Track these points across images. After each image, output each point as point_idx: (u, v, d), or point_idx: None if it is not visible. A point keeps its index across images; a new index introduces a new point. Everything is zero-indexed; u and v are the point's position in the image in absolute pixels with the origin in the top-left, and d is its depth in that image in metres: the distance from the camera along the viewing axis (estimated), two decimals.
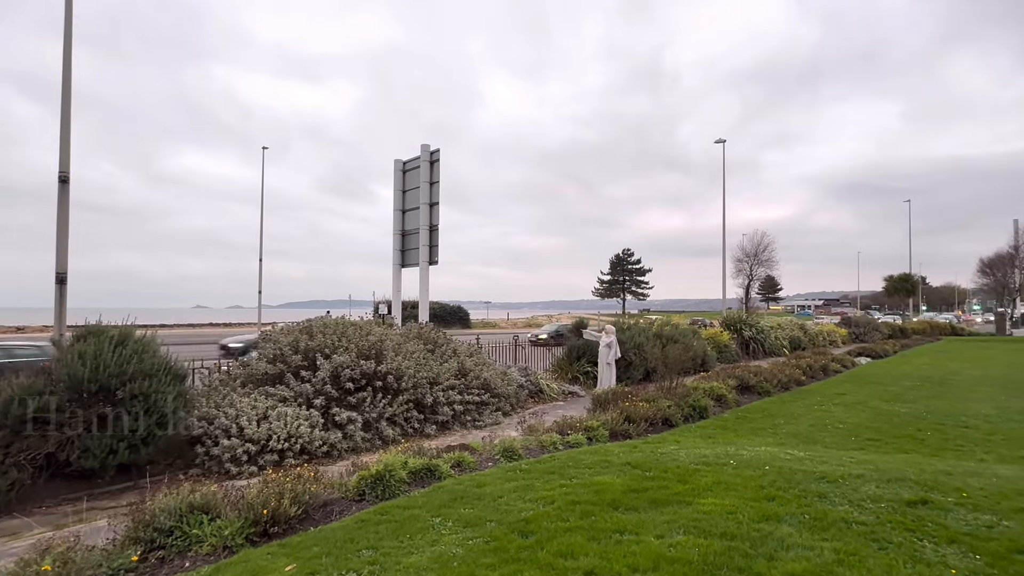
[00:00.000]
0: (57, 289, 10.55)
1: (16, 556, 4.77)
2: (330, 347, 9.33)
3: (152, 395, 6.80)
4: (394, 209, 16.47)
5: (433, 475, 5.74)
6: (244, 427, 7.64)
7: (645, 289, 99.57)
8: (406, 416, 9.47)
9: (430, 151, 15.71)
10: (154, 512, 3.99)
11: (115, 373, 6.52)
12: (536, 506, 4.65)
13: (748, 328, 24.73)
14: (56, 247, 10.49)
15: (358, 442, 8.53)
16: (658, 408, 9.27)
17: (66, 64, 10.55)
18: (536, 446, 7.16)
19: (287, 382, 8.82)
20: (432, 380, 10.18)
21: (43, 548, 3.91)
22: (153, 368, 6.94)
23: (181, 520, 4.05)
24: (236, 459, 7.34)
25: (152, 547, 3.91)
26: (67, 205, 10.53)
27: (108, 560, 3.64)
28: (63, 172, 10.49)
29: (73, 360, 6.36)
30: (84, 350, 6.45)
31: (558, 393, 13.86)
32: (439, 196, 15.56)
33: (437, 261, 15.51)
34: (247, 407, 7.97)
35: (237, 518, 4.17)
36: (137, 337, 7.19)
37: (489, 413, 10.82)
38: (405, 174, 16.51)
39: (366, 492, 5.12)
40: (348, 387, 8.92)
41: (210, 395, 8.33)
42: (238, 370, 9.21)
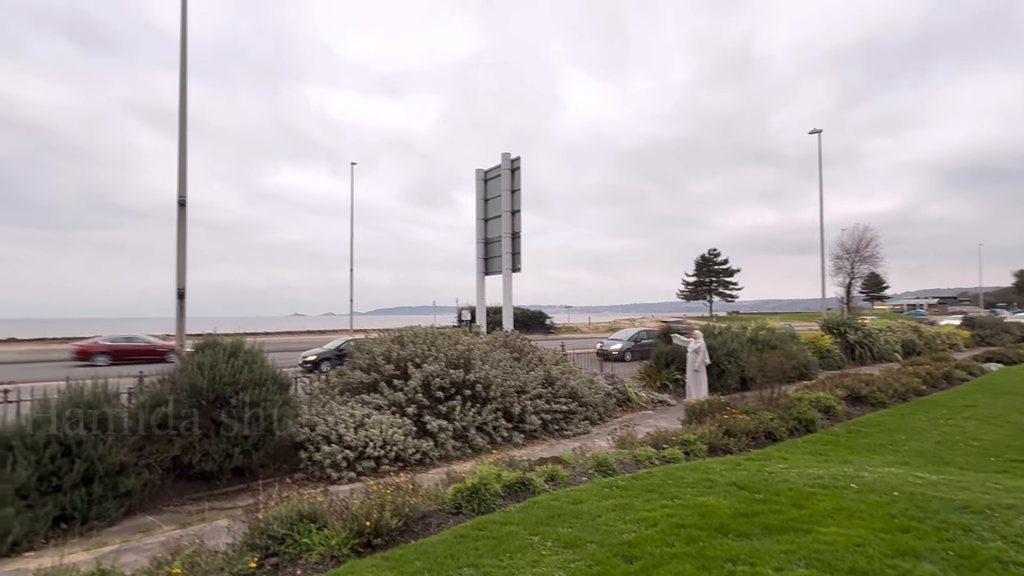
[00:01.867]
0: (177, 303, 11.55)
1: (149, 553, 5.19)
2: (420, 356, 9.55)
3: (261, 403, 7.23)
4: (476, 218, 16.70)
5: (527, 489, 5.66)
6: (343, 434, 7.95)
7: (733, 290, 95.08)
8: (494, 425, 9.49)
9: (510, 159, 15.80)
10: (268, 520, 4.19)
11: (229, 382, 7.00)
12: (638, 528, 4.44)
13: (853, 331, 22.88)
14: (176, 264, 11.50)
15: (449, 450, 8.65)
16: (759, 421, 8.70)
17: (182, 101, 11.55)
18: (630, 460, 6.92)
19: (381, 390, 9.11)
20: (519, 389, 10.16)
21: (173, 548, 4.21)
22: (262, 377, 7.38)
23: (292, 528, 4.22)
24: (336, 465, 7.65)
25: (267, 554, 4.10)
26: (185, 226, 11.51)
27: (229, 565, 3.86)
28: (181, 196, 11.48)
29: (193, 370, 6.89)
30: (203, 361, 6.96)
31: (647, 402, 13.43)
32: (520, 203, 15.60)
33: (520, 268, 15.55)
34: (345, 415, 8.30)
35: (342, 528, 4.30)
36: (247, 348, 7.68)
37: (576, 422, 10.65)
38: (486, 183, 16.71)
39: (462, 505, 5.14)
40: (438, 396, 9.08)
41: (311, 403, 8.75)
42: (336, 379, 9.62)
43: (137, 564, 4.50)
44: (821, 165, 32.88)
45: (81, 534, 5.96)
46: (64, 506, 5.92)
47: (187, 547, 4.09)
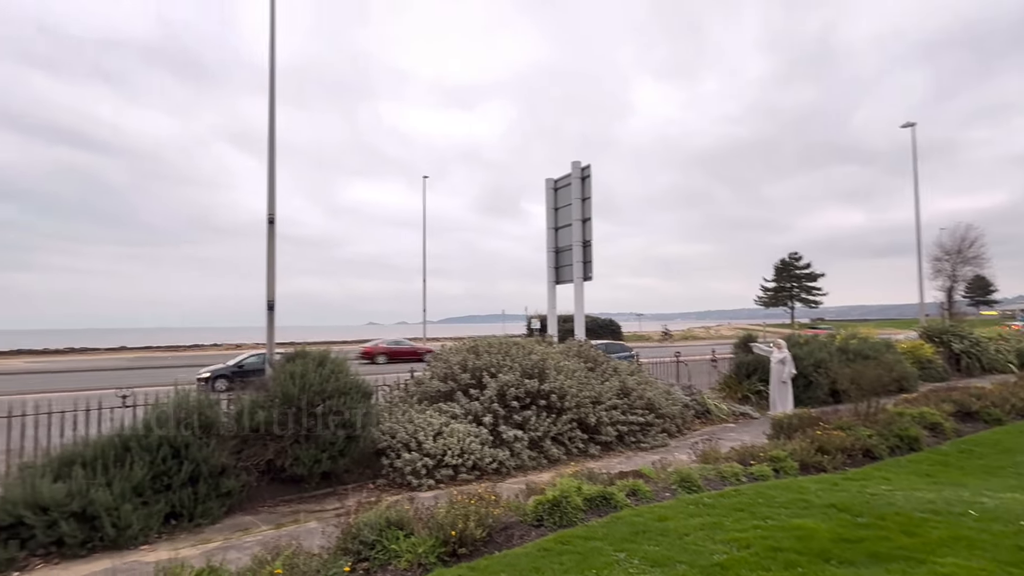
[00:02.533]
0: (268, 314, 12.26)
1: (249, 552, 5.50)
2: (495, 366, 9.63)
3: (346, 410, 7.54)
4: (547, 227, 16.72)
5: (609, 504, 5.56)
6: (422, 442, 8.14)
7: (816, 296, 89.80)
8: (570, 436, 9.41)
9: (580, 168, 15.73)
10: (359, 525, 4.33)
11: (317, 390, 7.34)
12: (729, 549, 4.25)
13: (958, 339, 20.97)
14: (266, 278, 12.23)
15: (524, 460, 8.65)
16: (856, 437, 8.12)
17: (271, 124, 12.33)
18: (715, 476, 6.64)
19: (457, 399, 9.26)
20: (594, 399, 10.03)
21: (272, 548, 4.44)
22: (346, 386, 7.70)
23: (381, 534, 4.35)
24: (416, 472, 7.83)
25: (359, 558, 4.25)
26: (274, 242, 12.23)
27: (325, 567, 4.03)
28: (270, 214, 12.21)
29: (286, 378, 7.28)
30: (294, 370, 7.35)
31: (727, 414, 12.89)
32: (591, 211, 15.49)
33: (592, 277, 15.41)
34: (424, 423, 8.49)
35: (429, 536, 4.38)
36: (333, 358, 8.03)
37: (654, 435, 10.37)
38: (556, 192, 16.71)
39: (544, 518, 5.11)
40: (514, 405, 9.11)
41: (391, 411, 9.02)
42: (414, 387, 9.88)
43: (240, 562, 4.78)
44: (916, 160, 30.56)
45: (188, 530, 6.43)
46: (174, 504, 6.40)
47: (285, 548, 4.30)
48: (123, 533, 5.88)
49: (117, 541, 5.85)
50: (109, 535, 5.82)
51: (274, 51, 12.29)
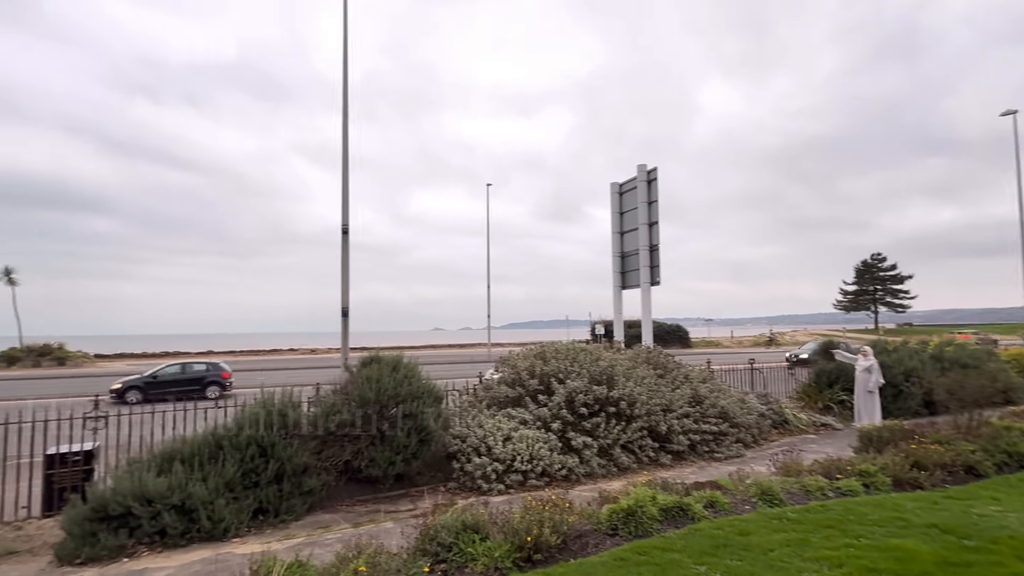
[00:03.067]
0: (342, 320, 12.80)
1: (330, 548, 5.74)
2: (563, 372, 9.59)
3: (419, 414, 7.72)
4: (612, 232, 16.53)
5: (685, 515, 5.40)
6: (492, 447, 8.21)
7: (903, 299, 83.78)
8: (640, 444, 9.23)
9: (646, 170, 15.46)
10: (436, 528, 4.43)
11: (392, 394, 7.57)
12: (819, 568, 4.02)
13: None
14: (341, 286, 12.77)
15: (594, 467, 8.55)
16: (956, 452, 7.49)
17: (344, 140, 12.89)
18: (798, 490, 6.31)
19: (526, 405, 9.29)
20: (665, 407, 9.79)
21: (353, 546, 4.61)
22: (419, 390, 7.89)
23: (457, 537, 4.43)
24: (486, 476, 7.90)
25: (437, 560, 4.34)
26: (348, 251, 12.76)
27: (405, 567, 4.14)
28: (344, 225, 12.76)
29: (362, 382, 7.56)
30: (369, 374, 7.62)
31: (807, 425, 12.23)
32: (658, 215, 15.17)
33: (659, 282, 15.08)
34: (493, 428, 8.57)
35: (504, 541, 4.42)
36: (405, 362, 8.26)
37: (728, 445, 9.99)
38: (622, 196, 16.49)
39: (618, 527, 5.03)
40: (582, 412, 9.04)
41: (461, 415, 9.16)
42: (483, 392, 9.99)
43: (323, 558, 4.99)
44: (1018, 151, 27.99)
45: (274, 526, 6.77)
46: (261, 500, 6.77)
47: (366, 546, 4.46)
48: (217, 526, 6.27)
49: (212, 533, 6.25)
50: (205, 527, 6.22)
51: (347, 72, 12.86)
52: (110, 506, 5.92)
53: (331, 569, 4.23)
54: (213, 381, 21.23)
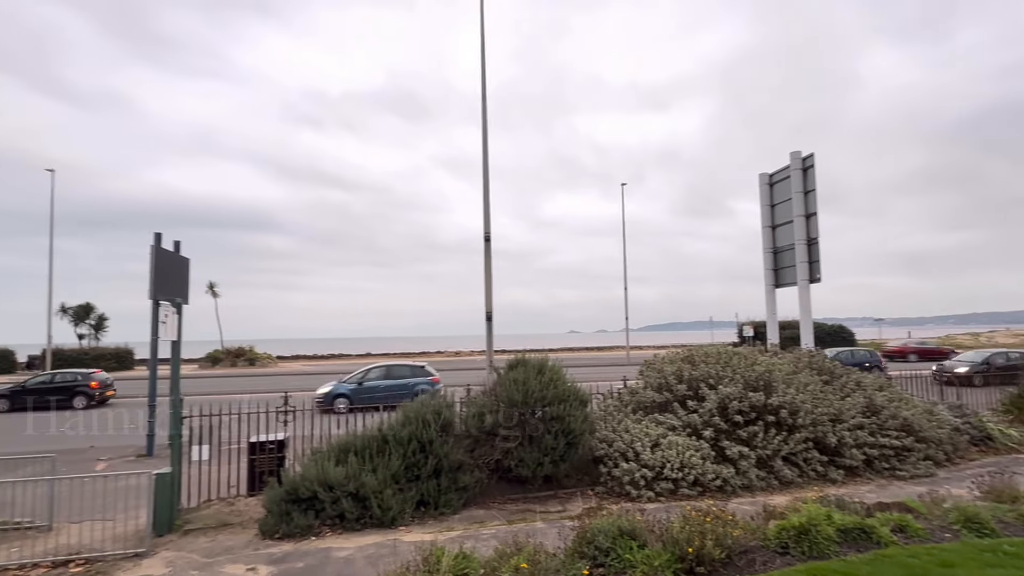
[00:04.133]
0: (487, 324, 13.33)
1: (486, 543, 6.00)
2: (714, 377, 9.10)
3: (565, 417, 7.79)
4: (762, 226, 15.38)
5: (868, 538, 4.83)
6: (639, 452, 8.03)
7: None
8: (805, 456, 8.44)
9: (801, 157, 14.18)
10: (593, 531, 4.43)
11: (538, 397, 7.73)
12: None
13: None
14: (484, 291, 13.32)
15: (752, 480, 7.99)
16: None
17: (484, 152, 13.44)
18: (1015, 519, 5.34)
19: (674, 411, 8.95)
20: (834, 417, 8.86)
21: (511, 543, 4.76)
22: (564, 393, 7.96)
23: (614, 543, 4.39)
24: (635, 482, 7.74)
25: (595, 564, 4.34)
26: (490, 258, 13.27)
27: (564, 568, 4.20)
28: (487, 233, 13.29)
29: (510, 384, 7.81)
30: (516, 377, 7.85)
31: (1017, 443, 10.34)
32: (816, 205, 13.84)
33: (819, 278, 13.73)
34: (640, 433, 8.37)
35: (663, 550, 4.29)
36: (550, 365, 8.39)
37: (914, 462, 8.76)
38: (772, 187, 15.29)
39: (789, 545, 4.64)
40: (737, 420, 8.49)
41: (606, 419, 9.07)
42: (628, 397, 9.82)
43: (481, 551, 5.22)
44: None
45: (434, 517, 7.24)
46: (422, 492, 7.28)
47: (524, 544, 4.58)
48: (386, 514, 6.85)
49: (382, 520, 6.84)
50: (376, 514, 6.83)
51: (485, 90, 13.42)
52: (300, 490, 6.74)
53: (492, 563, 4.42)
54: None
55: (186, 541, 6.60)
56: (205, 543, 6.53)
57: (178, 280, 12.10)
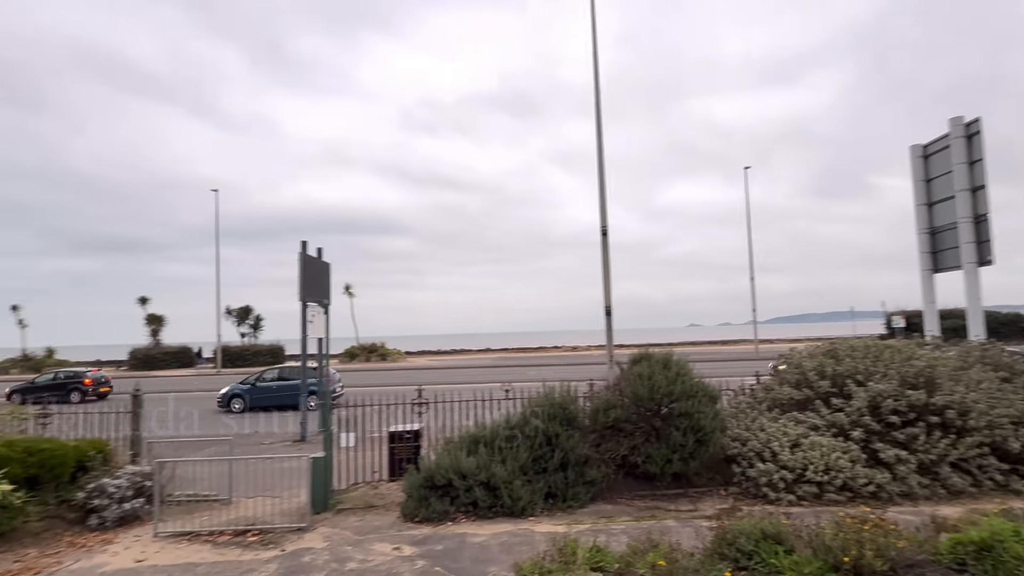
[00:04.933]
0: (606, 319, 13.21)
1: (616, 539, 5.96)
2: (863, 373, 8.29)
3: (694, 414, 7.52)
4: (915, 204, 13.71)
5: None
6: (777, 453, 7.54)
7: None
8: (980, 463, 7.43)
9: (964, 124, 12.44)
10: (734, 532, 4.25)
11: (665, 392, 7.53)
12: None
13: None
14: (603, 285, 13.21)
15: (912, 487, 7.19)
16: None
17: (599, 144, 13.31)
18: None
19: (816, 409, 8.28)
20: (1017, 420, 7.69)
21: (645, 539, 4.71)
22: (693, 389, 7.69)
23: (757, 546, 4.18)
24: (773, 484, 7.28)
25: (737, 566, 4.17)
26: (608, 252, 13.13)
27: (704, 569, 4.08)
28: (603, 226, 13.16)
29: (634, 380, 7.69)
30: (641, 371, 7.71)
31: None
32: (985, 177, 12.06)
33: (991, 260, 11.97)
34: (778, 432, 7.86)
35: (813, 557, 4.01)
36: (676, 360, 8.14)
37: None
38: (927, 160, 13.57)
39: (967, 563, 4.12)
40: (892, 420, 7.67)
41: (738, 417, 8.62)
42: (762, 393, 9.25)
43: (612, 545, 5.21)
44: None
45: (562, 510, 7.33)
46: (550, 485, 7.40)
47: (658, 542, 4.51)
48: (516, 504, 7.07)
49: (512, 510, 7.06)
50: (506, 504, 7.07)
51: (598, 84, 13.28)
52: (436, 477, 7.16)
53: (626, 557, 4.41)
54: None
55: (339, 519, 7.28)
56: (355, 522, 7.16)
57: (322, 283, 13.33)
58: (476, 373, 30.46)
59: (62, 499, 7.16)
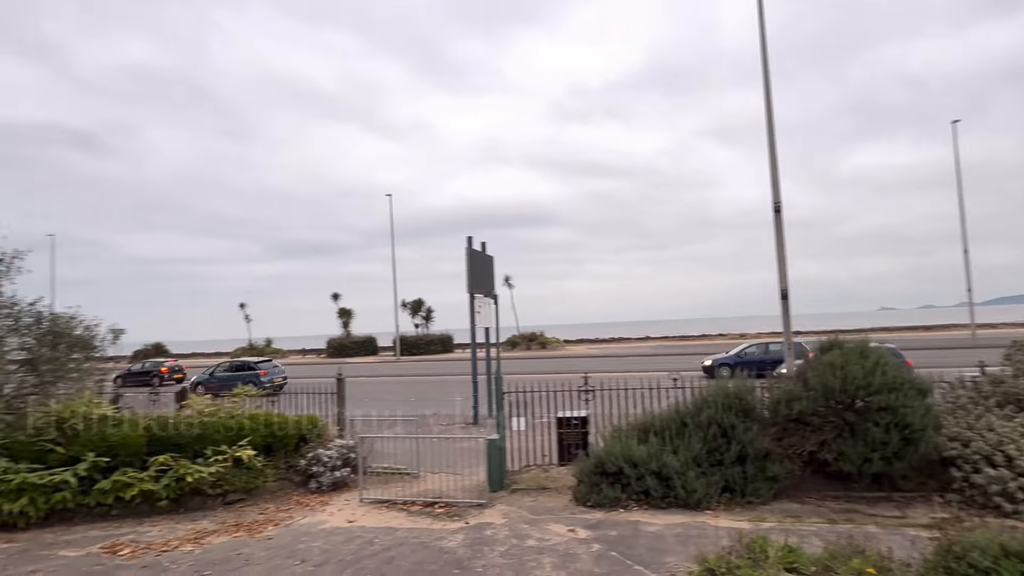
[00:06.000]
0: (781, 303, 12.12)
1: (808, 541, 5.49)
2: None
3: (898, 409, 6.62)
4: None
5: None
6: (1014, 457, 6.35)
7: None
8: None
9: None
10: (965, 546, 3.67)
11: (861, 384, 6.72)
12: None
13: None
14: (777, 267, 12.13)
15: None
16: None
17: (768, 111, 12.20)
18: None
19: None
20: None
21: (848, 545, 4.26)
22: (895, 381, 6.76)
23: (996, 563, 3.56)
24: (1007, 494, 6.17)
25: None
26: (782, 230, 12.01)
27: None
28: (776, 202, 12.06)
29: (824, 370, 6.98)
30: (832, 361, 6.97)
31: None
32: None
33: None
34: (1014, 433, 6.61)
35: None
36: (874, 348, 7.22)
37: None
38: None
39: None
40: None
41: (956, 414, 7.40)
42: (988, 387, 7.82)
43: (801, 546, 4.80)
44: None
45: (741, 505, 6.95)
46: (727, 478, 7.04)
47: (862, 547, 4.07)
48: (691, 496, 6.85)
49: (687, 501, 6.86)
50: (680, 495, 6.88)
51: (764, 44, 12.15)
52: (606, 464, 7.20)
53: (824, 561, 4.04)
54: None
55: (514, 498, 7.68)
56: (529, 502, 7.50)
57: (487, 275, 14.09)
58: (637, 362, 29.96)
59: (289, 465, 8.51)
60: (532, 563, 5.53)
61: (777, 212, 12.03)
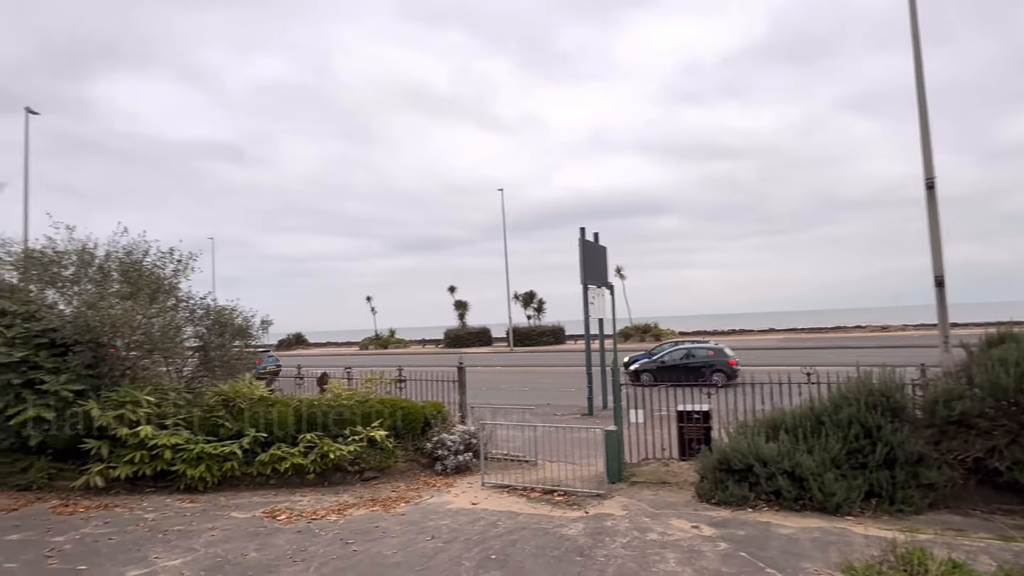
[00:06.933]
0: (936, 291, 10.76)
1: (973, 557, 4.87)
2: None
3: None
4: None
5: None
6: None
7: None
8: None
9: None
10: None
11: None
12: None
13: None
14: (931, 250, 10.79)
15: None
16: None
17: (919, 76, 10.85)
18: None
19: None
20: None
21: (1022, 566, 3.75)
22: None
23: None
24: None
25: None
26: (936, 209, 10.65)
27: None
28: (928, 178, 10.71)
29: (992, 366, 6.13)
30: (1002, 356, 6.10)
31: None
32: None
33: None
34: None
35: None
36: None
37: None
38: None
39: None
40: None
41: None
42: None
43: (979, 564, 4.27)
44: None
45: (889, 513, 6.31)
46: (872, 483, 6.43)
47: None
48: (829, 499, 6.34)
49: (824, 505, 6.37)
50: (816, 498, 6.40)
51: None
52: (732, 461, 6.88)
53: None
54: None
55: (633, 491, 7.59)
56: (649, 496, 7.37)
57: (600, 266, 13.97)
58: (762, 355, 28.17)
59: (416, 447, 9.07)
60: (655, 557, 5.45)
61: (930, 188, 10.69)
